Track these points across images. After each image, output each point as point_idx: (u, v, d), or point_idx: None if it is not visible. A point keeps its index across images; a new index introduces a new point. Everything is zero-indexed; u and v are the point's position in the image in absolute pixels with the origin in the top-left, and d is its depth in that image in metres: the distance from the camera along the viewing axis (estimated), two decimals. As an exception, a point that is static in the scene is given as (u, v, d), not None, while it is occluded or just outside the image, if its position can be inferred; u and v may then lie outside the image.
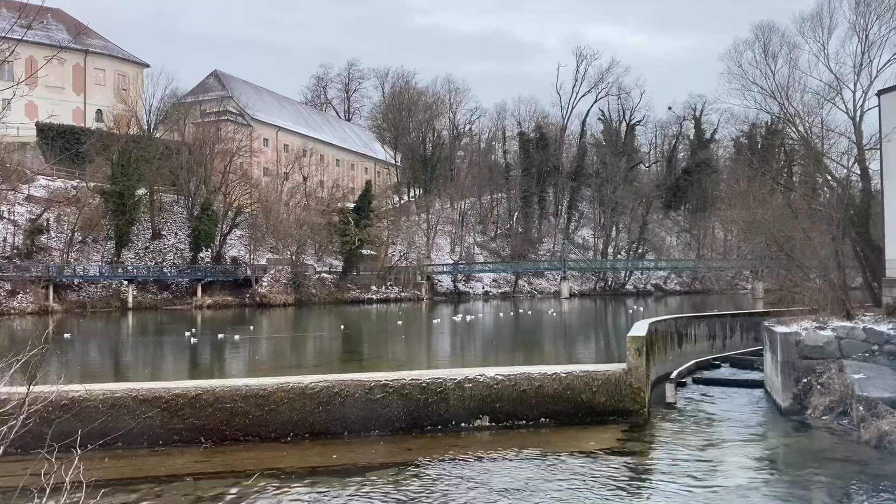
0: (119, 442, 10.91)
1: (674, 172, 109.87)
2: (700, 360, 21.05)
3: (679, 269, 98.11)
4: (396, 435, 12.27)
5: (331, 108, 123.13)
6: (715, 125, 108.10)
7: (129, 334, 39.25)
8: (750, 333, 24.42)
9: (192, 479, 10.17)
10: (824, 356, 14.62)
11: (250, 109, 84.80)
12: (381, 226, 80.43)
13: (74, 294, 60.96)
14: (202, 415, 11.95)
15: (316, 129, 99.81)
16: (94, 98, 77.14)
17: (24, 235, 61.38)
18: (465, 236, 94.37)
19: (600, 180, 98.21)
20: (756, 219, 28.74)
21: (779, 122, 34.45)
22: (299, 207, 75.17)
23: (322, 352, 29.02)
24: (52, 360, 19.10)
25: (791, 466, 11.10)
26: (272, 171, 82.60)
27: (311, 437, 12.10)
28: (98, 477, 4.14)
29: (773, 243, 25.13)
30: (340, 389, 12.41)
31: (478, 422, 12.76)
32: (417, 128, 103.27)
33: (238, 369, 23.43)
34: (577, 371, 13.50)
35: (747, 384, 17.85)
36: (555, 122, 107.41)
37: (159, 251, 69.81)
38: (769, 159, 55.99)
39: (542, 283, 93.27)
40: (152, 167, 66.34)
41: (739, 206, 45.62)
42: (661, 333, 18.60)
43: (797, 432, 12.95)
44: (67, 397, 11.17)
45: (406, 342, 32.86)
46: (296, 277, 68.47)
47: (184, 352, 27.61)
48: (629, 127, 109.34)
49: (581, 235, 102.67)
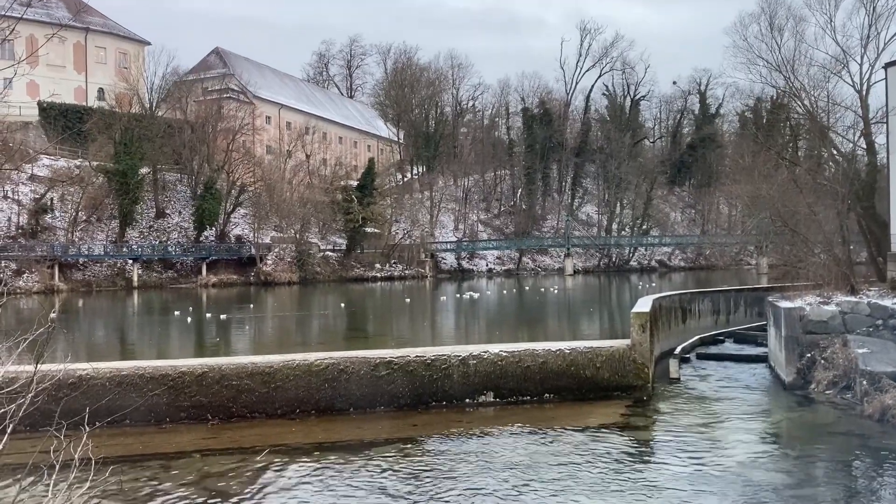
0: (127, 419, 11.01)
1: (678, 148, 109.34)
2: (704, 336, 21.10)
3: (683, 244, 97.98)
4: (401, 411, 12.35)
5: (333, 84, 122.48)
6: (720, 100, 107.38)
7: (136, 313, 39.44)
8: (754, 309, 24.44)
9: (199, 455, 10.27)
10: (828, 331, 14.64)
11: (252, 87, 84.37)
12: (385, 204, 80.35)
13: (80, 273, 61.21)
14: (209, 392, 12.04)
15: (318, 107, 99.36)
16: (96, 77, 76.81)
17: (29, 215, 61.50)
18: (469, 213, 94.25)
19: (604, 156, 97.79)
20: (761, 194, 28.64)
21: (784, 96, 34.17)
22: (302, 185, 75.09)
23: (327, 329, 29.15)
24: (59, 339, 19.23)
25: (794, 440, 11.16)
26: (275, 149, 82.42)
27: (317, 413, 12.20)
28: (107, 454, 4.19)
29: (778, 218, 25.05)
30: (346, 367, 12.48)
31: (482, 398, 12.84)
32: (420, 104, 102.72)
33: (244, 347, 23.56)
34: (581, 347, 13.55)
35: (751, 359, 17.90)
36: (559, 97, 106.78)
37: (163, 230, 69.92)
38: (774, 134, 55.59)
39: (546, 259, 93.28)
40: (155, 146, 66.22)
41: (744, 181, 45.40)
42: (665, 309, 18.63)
43: (800, 407, 13.01)
44: (75, 376, 11.26)
45: (410, 320, 32.97)
46: (300, 256, 68.60)
47: (188, 330, 27.76)
48: (633, 102, 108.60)
49: (585, 212, 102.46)
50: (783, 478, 8.93)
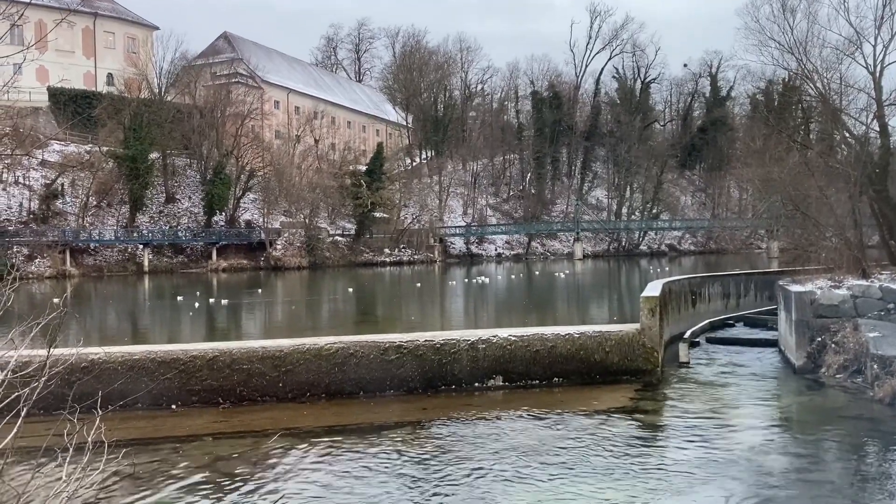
0: (139, 403, 11.10)
1: (689, 131, 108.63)
2: (714, 320, 21.05)
3: (693, 228, 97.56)
4: (411, 395, 12.41)
5: (341, 69, 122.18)
6: (731, 82, 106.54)
7: (147, 297, 39.70)
8: (764, 293, 24.33)
9: (211, 438, 10.36)
10: (839, 315, 14.57)
11: (260, 71, 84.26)
12: (394, 188, 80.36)
13: (91, 258, 61.61)
14: (220, 376, 12.12)
15: (327, 91, 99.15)
16: (105, 62, 76.88)
17: (40, 200, 61.85)
18: (478, 198, 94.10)
19: (614, 140, 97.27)
20: (772, 177, 28.43)
21: (796, 78, 33.78)
22: (311, 170, 75.14)
23: (336, 314, 29.27)
24: (71, 324, 19.38)
25: (804, 424, 11.15)
26: (284, 133, 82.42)
27: (327, 397, 12.27)
28: (119, 437, 4.23)
29: (789, 202, 24.89)
30: (356, 350, 12.53)
31: (491, 381, 12.87)
32: (429, 88, 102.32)
33: (254, 331, 23.70)
34: (591, 332, 13.54)
35: (761, 343, 17.84)
36: (568, 80, 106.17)
37: (174, 215, 70.19)
38: (786, 117, 55.09)
39: (555, 244, 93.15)
40: (164, 131, 66.35)
41: (755, 164, 45.11)
42: (675, 293, 18.58)
43: (810, 391, 12.98)
44: (87, 360, 11.35)
45: (420, 304, 33.05)
46: (309, 241, 68.79)
47: (198, 315, 27.92)
48: (644, 85, 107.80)
49: (595, 196, 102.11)
50: (792, 462, 8.93)
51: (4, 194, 61.80)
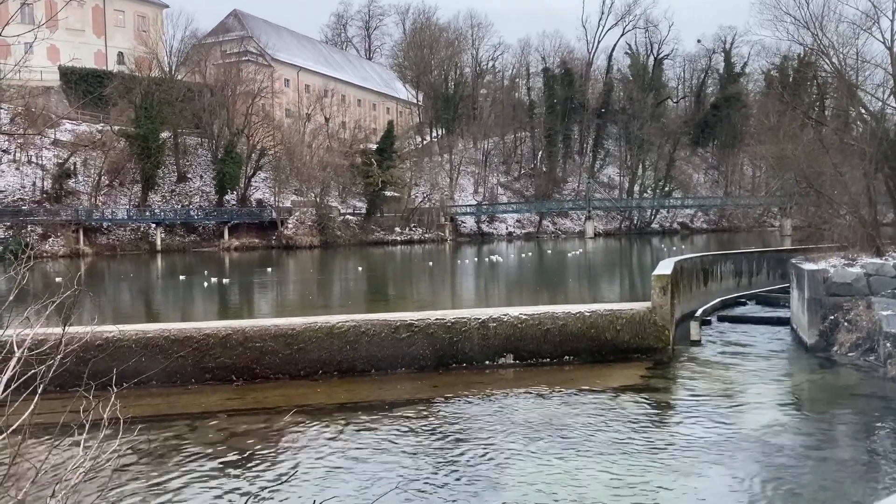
0: (153, 381, 11.22)
1: (702, 108, 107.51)
2: (726, 298, 20.99)
3: (706, 206, 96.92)
4: (422, 373, 12.48)
5: (351, 46, 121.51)
6: (745, 58, 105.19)
7: (159, 276, 39.97)
8: (777, 271, 24.22)
9: (225, 415, 10.48)
10: (852, 293, 14.49)
11: (271, 49, 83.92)
12: (404, 167, 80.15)
13: (104, 237, 62.01)
14: (233, 354, 12.23)
15: (337, 69, 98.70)
16: (115, 40, 76.77)
17: (53, 180, 62.17)
18: (489, 177, 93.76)
19: (627, 117, 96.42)
20: (786, 154, 28.16)
21: (812, 53, 33.33)
22: (322, 149, 75.02)
23: (348, 293, 29.38)
24: (86, 302, 19.56)
25: (816, 402, 11.14)
26: (294, 112, 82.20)
27: (339, 374, 12.37)
28: (134, 414, 4.28)
29: (803, 179, 24.66)
30: (367, 329, 12.60)
31: (502, 360, 12.92)
32: (439, 65, 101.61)
33: (266, 310, 23.85)
34: (602, 310, 13.55)
35: (773, 321, 17.78)
36: (580, 57, 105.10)
37: (185, 194, 70.41)
38: (801, 93, 54.43)
39: (566, 223, 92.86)
40: (175, 110, 66.33)
41: (769, 141, 44.68)
42: (687, 272, 18.52)
43: (822, 369, 12.95)
44: (102, 338, 11.47)
45: (431, 283, 33.11)
46: (320, 219, 68.89)
47: (208, 293, 28.11)
48: (657, 61, 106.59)
49: (606, 174, 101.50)
50: (804, 440, 8.93)
51: (18, 174, 62.15)
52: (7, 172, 61.58)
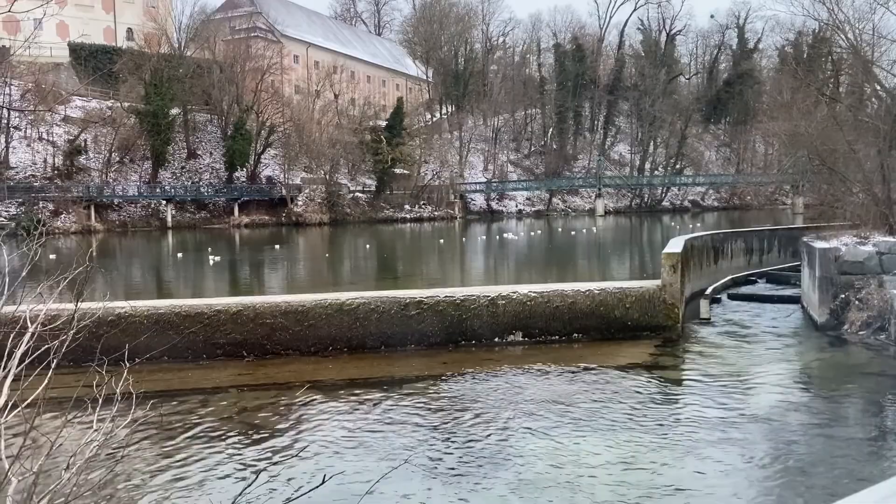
0: (165, 356, 11.29)
1: (715, 84, 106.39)
2: (736, 276, 20.91)
3: (717, 184, 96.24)
4: (431, 349, 12.54)
5: (360, 22, 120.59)
6: (759, 34, 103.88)
7: (170, 253, 40.17)
8: (788, 249, 24.09)
9: (236, 390, 10.59)
10: (864, 272, 14.40)
11: (280, 25, 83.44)
12: (414, 144, 79.87)
13: (115, 214, 62.29)
14: (244, 330, 12.31)
15: (346, 45, 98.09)
16: (124, 16, 76.50)
17: (64, 156, 62.36)
18: (499, 154, 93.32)
19: (638, 93, 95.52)
20: (799, 131, 27.88)
21: (827, 29, 32.83)
22: (331, 126, 74.82)
23: (357, 270, 29.46)
24: (98, 278, 19.70)
25: (825, 380, 11.13)
26: (303, 88, 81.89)
27: (349, 351, 12.44)
28: (146, 389, 4.33)
29: (816, 157, 24.41)
30: (377, 306, 12.65)
31: (511, 337, 12.96)
32: (449, 41, 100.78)
33: (276, 286, 23.97)
34: (611, 288, 13.53)
35: (783, 300, 17.72)
36: (592, 32, 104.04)
37: (195, 171, 70.51)
38: (815, 69, 53.73)
39: (576, 200, 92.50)
40: (184, 86, 66.22)
41: (782, 118, 44.21)
42: (697, 250, 18.46)
43: (832, 347, 12.92)
44: (114, 313, 11.56)
45: (440, 260, 33.15)
46: (330, 197, 68.92)
47: (222, 270, 28.25)
48: (669, 37, 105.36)
49: (617, 151, 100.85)
50: (813, 418, 8.94)
51: (29, 150, 62.35)
52: (19, 149, 61.80)
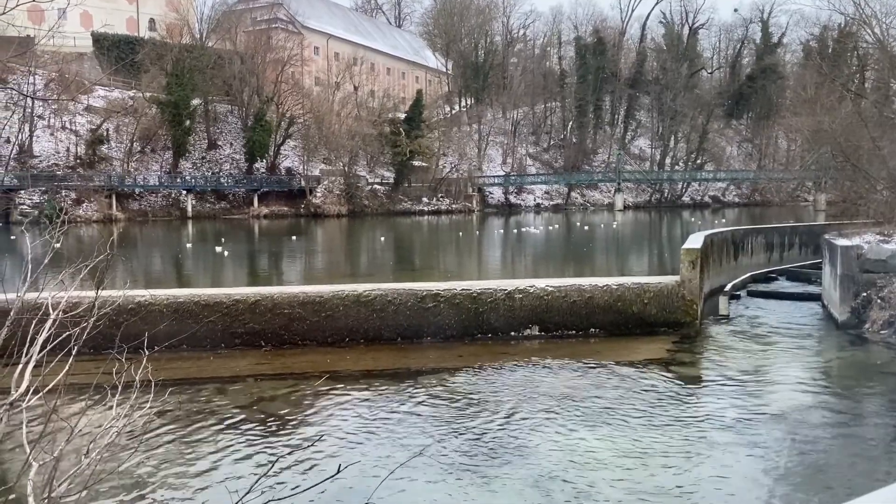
0: (184, 345, 11.36)
1: (737, 79, 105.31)
2: (756, 273, 20.72)
3: (739, 180, 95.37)
4: (447, 342, 12.55)
5: (381, 13, 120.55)
6: (783, 28, 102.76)
7: (190, 241, 40.50)
8: (809, 246, 23.82)
9: (254, 380, 10.67)
10: (887, 270, 14.21)
11: (300, 17, 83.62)
12: (432, 137, 79.85)
13: (136, 203, 62.89)
14: (262, 320, 12.39)
15: (366, 37, 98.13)
16: (147, 7, 77.09)
17: (86, 145, 63.02)
18: (518, 147, 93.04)
19: (660, 87, 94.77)
20: (822, 127, 27.56)
21: (853, 23, 32.38)
22: (350, 118, 74.98)
23: (375, 262, 29.54)
24: (118, 267, 19.91)
25: (845, 379, 11.01)
26: (323, 80, 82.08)
27: (365, 342, 12.48)
28: (165, 377, 4.38)
29: (840, 153, 24.13)
30: (393, 298, 12.67)
31: (527, 331, 12.93)
32: (469, 33, 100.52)
33: (295, 277, 24.10)
34: (629, 283, 13.46)
35: (804, 297, 17.54)
36: (613, 25, 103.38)
37: (216, 161, 70.98)
38: (840, 64, 53.06)
39: (595, 195, 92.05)
40: (206, 77, 66.64)
41: (805, 114, 43.70)
42: (717, 246, 18.31)
43: (853, 346, 12.78)
44: (134, 301, 11.68)
45: (457, 254, 33.15)
46: (348, 188, 69.13)
47: (241, 260, 28.45)
48: (692, 30, 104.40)
49: (637, 146, 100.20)
50: (832, 417, 8.85)
51: (52, 139, 63.06)
52: (42, 138, 62.52)
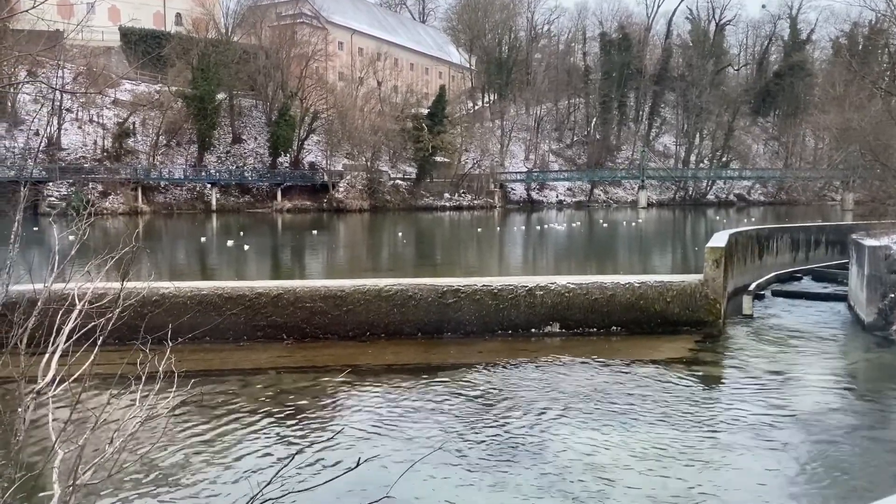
0: (207, 337, 11.52)
1: (764, 76, 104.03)
2: (781, 273, 20.48)
3: (764, 178, 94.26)
4: (468, 338, 12.56)
5: (405, 8, 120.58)
6: (812, 25, 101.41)
7: (213, 235, 40.88)
8: (836, 246, 23.51)
9: (275, 372, 10.76)
10: (915, 271, 13.97)
11: (325, 12, 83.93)
12: (455, 132, 79.80)
13: (161, 196, 63.59)
14: (284, 313, 12.48)
15: (390, 32, 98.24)
16: (173, 2, 77.81)
17: (113, 138, 63.82)
18: (540, 143, 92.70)
19: (685, 84, 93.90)
20: (851, 125, 27.17)
21: (884, 20, 31.83)
22: (374, 113, 75.16)
23: (396, 257, 29.61)
24: (143, 259, 20.15)
25: (871, 381, 10.86)
26: (347, 75, 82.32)
27: (386, 337, 12.53)
28: (188, 368, 4.42)
29: (868, 152, 23.76)
30: (414, 293, 12.70)
31: (548, 328, 12.89)
32: (493, 29, 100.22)
33: (317, 271, 24.24)
34: (652, 281, 13.37)
35: (829, 298, 17.30)
36: (639, 21, 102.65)
37: (240, 155, 71.54)
38: (870, 61, 52.23)
39: (618, 192, 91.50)
40: (231, 71, 67.14)
41: (834, 111, 43.10)
42: (741, 244, 18.11)
43: (879, 348, 12.59)
44: (158, 293, 11.81)
45: (478, 249, 33.13)
46: (371, 183, 69.34)
47: (265, 254, 28.67)
48: (718, 26, 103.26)
49: (662, 143, 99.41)
50: (856, 419, 8.73)
51: (80, 132, 63.93)
52: (70, 131, 63.40)
